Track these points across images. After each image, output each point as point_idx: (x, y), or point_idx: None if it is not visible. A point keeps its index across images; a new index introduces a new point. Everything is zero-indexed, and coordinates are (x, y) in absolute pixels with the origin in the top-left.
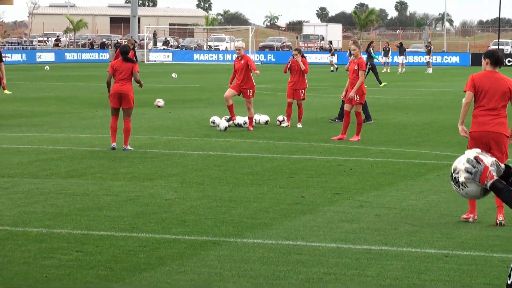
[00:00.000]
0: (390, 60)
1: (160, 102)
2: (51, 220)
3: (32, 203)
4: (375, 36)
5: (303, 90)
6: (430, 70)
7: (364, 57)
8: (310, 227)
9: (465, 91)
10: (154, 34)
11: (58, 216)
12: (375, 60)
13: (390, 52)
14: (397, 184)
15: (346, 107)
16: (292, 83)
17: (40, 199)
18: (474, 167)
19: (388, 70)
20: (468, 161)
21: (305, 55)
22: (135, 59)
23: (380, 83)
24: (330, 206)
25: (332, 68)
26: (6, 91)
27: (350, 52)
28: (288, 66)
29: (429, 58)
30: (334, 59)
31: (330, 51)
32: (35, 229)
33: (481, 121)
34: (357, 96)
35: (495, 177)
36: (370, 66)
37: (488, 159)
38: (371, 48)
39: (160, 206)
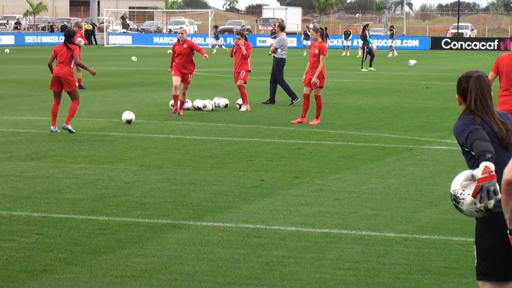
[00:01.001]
0: (350, 44)
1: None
2: (11, 202)
3: None
4: (334, 20)
5: (244, 72)
6: (395, 54)
7: (361, 41)
8: (269, 210)
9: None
10: (123, 18)
11: (18, 199)
12: (370, 44)
13: (351, 35)
14: (356, 168)
15: (306, 90)
16: (235, 66)
17: (0, 181)
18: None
19: (348, 54)
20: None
21: (247, 38)
22: (93, 42)
23: (370, 66)
24: (290, 190)
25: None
26: None
27: (304, 35)
28: (234, 50)
29: (392, 42)
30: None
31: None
32: None
33: (500, 101)
34: (317, 80)
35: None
36: (367, 50)
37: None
38: (366, 31)
39: (120, 189)
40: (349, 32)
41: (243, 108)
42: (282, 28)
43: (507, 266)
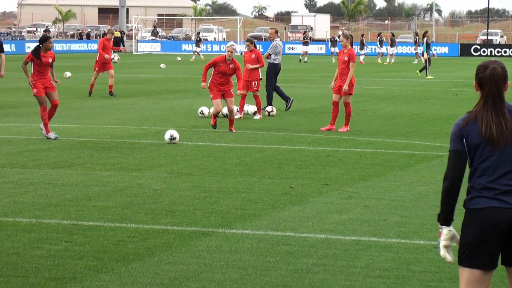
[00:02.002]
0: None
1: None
2: (41, 210)
3: (22, 193)
4: (364, 27)
5: (256, 82)
6: (422, 60)
7: (420, 48)
8: (299, 218)
9: None
10: (154, 26)
11: (47, 207)
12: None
13: (383, 42)
14: (386, 175)
15: (335, 97)
16: (245, 74)
17: (30, 189)
18: None
19: (379, 61)
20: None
21: (257, 46)
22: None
23: (420, 71)
24: (319, 197)
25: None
26: None
27: (331, 43)
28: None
29: (416, 49)
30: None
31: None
32: (25, 219)
33: None
34: (346, 87)
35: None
36: (428, 57)
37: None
38: (426, 39)
39: (149, 196)
40: (382, 39)
41: (257, 117)
42: (277, 33)
43: (487, 256)
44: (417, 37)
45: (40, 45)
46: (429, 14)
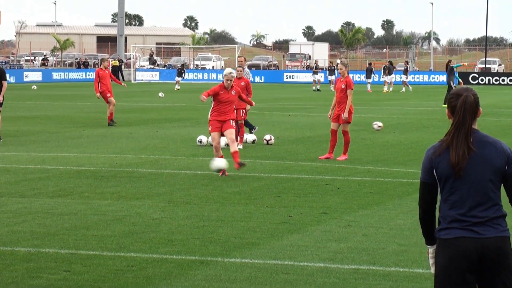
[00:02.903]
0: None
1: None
2: (39, 239)
3: (20, 222)
4: (362, 55)
5: (243, 110)
6: (409, 89)
7: (405, 77)
8: (297, 246)
9: None
10: (151, 55)
11: (45, 236)
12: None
13: (393, 70)
14: (384, 204)
15: (333, 125)
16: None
17: (28, 218)
18: None
19: (391, 89)
20: None
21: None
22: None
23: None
24: (318, 226)
25: (314, 88)
26: None
27: (329, 71)
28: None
29: (405, 77)
30: (321, 78)
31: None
32: (23, 248)
33: None
34: (345, 115)
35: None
36: (451, 84)
37: None
38: (451, 66)
39: (147, 225)
40: (389, 67)
41: (240, 146)
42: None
43: (460, 285)
44: (407, 66)
45: None
46: (427, 43)
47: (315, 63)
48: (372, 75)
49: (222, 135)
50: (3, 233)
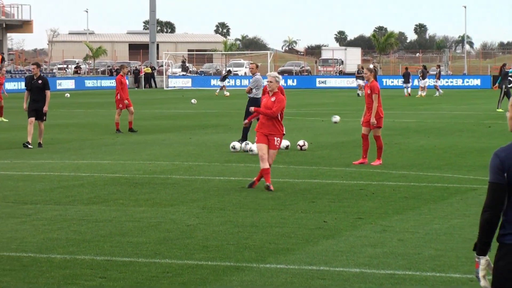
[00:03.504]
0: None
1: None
2: (74, 246)
3: (56, 229)
4: (395, 60)
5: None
6: (440, 92)
7: (439, 81)
8: (333, 252)
9: None
10: (183, 61)
11: (81, 243)
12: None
13: (427, 75)
14: (420, 208)
15: (364, 130)
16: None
17: (63, 225)
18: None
19: (424, 93)
20: None
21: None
22: (153, 85)
23: (498, 107)
24: (353, 231)
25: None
26: (3, 119)
27: (356, 76)
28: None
29: (436, 82)
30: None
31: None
32: (59, 255)
33: None
34: (375, 120)
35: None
36: (505, 90)
37: None
38: (506, 70)
39: (182, 231)
40: (422, 72)
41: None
42: (257, 67)
43: None
44: (438, 70)
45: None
46: (461, 46)
47: (357, 68)
48: (410, 79)
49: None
50: (39, 240)
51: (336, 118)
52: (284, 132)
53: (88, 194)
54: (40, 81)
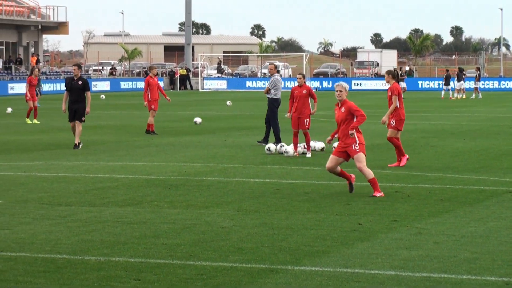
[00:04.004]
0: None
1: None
2: (109, 248)
3: (90, 231)
4: (431, 62)
5: (307, 119)
6: (479, 96)
7: (480, 83)
8: (368, 254)
9: None
10: (219, 63)
11: (115, 244)
12: None
13: (463, 77)
14: (455, 211)
15: (390, 133)
16: (296, 110)
17: (98, 227)
18: None
19: (460, 96)
20: None
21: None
22: (189, 87)
23: None
24: (388, 233)
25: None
26: (35, 121)
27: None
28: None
29: (476, 84)
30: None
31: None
32: (93, 257)
33: None
34: (393, 121)
35: None
36: None
37: None
38: None
39: (217, 233)
40: (458, 74)
41: (309, 155)
42: (276, 68)
43: None
44: (478, 72)
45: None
46: (497, 49)
47: (400, 70)
48: (451, 81)
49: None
50: (73, 242)
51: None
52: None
53: (122, 195)
54: (80, 82)
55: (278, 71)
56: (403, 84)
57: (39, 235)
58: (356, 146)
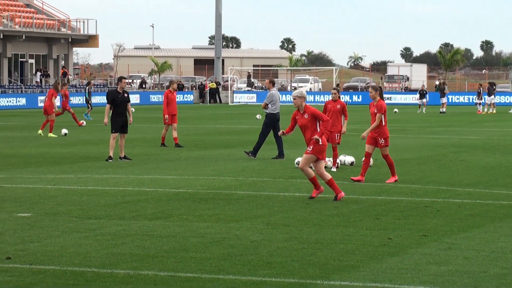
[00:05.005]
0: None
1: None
2: (138, 262)
3: (119, 244)
4: (461, 76)
5: (338, 134)
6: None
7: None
8: (397, 269)
9: None
10: (248, 77)
11: (145, 258)
12: None
13: (493, 92)
14: (485, 226)
15: (367, 148)
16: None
17: (127, 240)
18: None
19: (491, 110)
20: None
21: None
22: (218, 100)
23: None
24: (418, 248)
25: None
26: (51, 134)
27: (420, 94)
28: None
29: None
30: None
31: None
32: (122, 270)
33: None
34: (382, 139)
35: None
36: None
37: None
38: None
39: (246, 247)
40: (489, 89)
41: (334, 169)
42: (273, 83)
43: None
44: (490, 87)
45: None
46: None
47: (422, 87)
48: (491, 95)
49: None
50: (103, 255)
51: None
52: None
53: (152, 209)
54: (125, 95)
55: (274, 86)
56: (443, 100)
57: (68, 248)
58: (310, 148)
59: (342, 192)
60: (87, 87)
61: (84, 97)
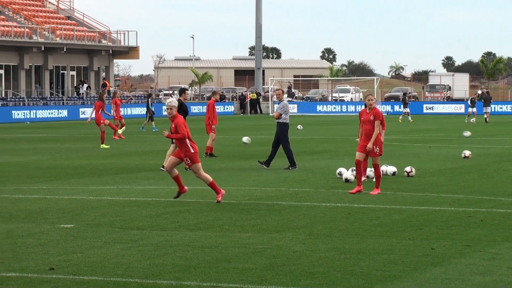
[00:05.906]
0: None
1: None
2: (180, 272)
3: (161, 255)
4: (504, 85)
5: (378, 146)
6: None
7: None
8: (441, 279)
9: None
10: (289, 87)
11: (187, 269)
12: None
13: None
14: None
15: (358, 156)
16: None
17: (169, 251)
18: None
19: None
20: None
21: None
22: (258, 111)
23: None
24: (461, 258)
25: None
26: (104, 146)
27: (471, 103)
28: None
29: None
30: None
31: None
32: (165, 281)
33: None
34: (377, 148)
35: None
36: None
37: None
38: None
39: (288, 258)
40: None
41: (364, 178)
42: (284, 93)
43: None
44: (485, 95)
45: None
46: None
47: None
48: None
49: None
50: (145, 266)
51: (467, 133)
52: None
53: (193, 220)
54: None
55: (285, 95)
56: (488, 109)
57: (111, 259)
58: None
59: None
60: (148, 99)
61: (146, 108)
